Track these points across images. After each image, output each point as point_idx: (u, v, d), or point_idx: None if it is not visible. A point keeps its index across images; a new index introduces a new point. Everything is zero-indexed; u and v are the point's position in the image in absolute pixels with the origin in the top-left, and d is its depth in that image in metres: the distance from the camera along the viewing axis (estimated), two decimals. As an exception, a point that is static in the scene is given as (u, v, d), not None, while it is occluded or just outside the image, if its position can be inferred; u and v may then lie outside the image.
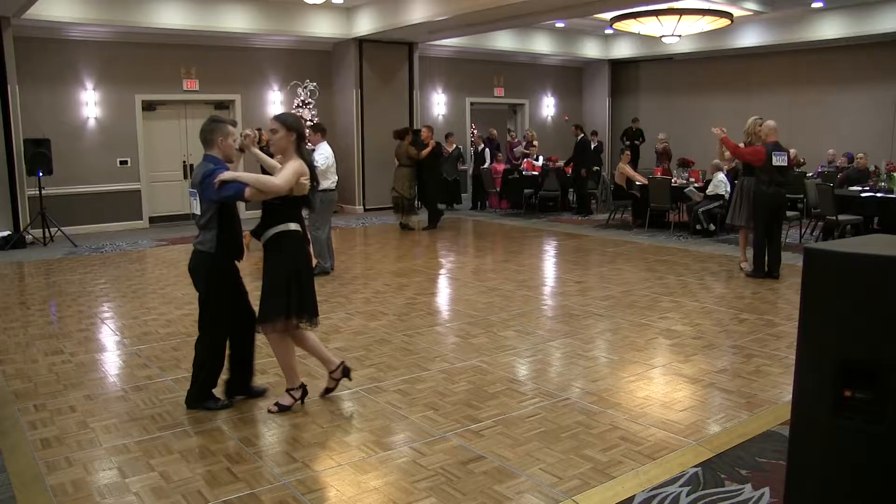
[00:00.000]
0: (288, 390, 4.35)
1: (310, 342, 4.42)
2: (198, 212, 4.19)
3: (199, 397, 4.35)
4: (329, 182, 8.15)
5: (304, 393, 4.40)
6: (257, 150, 4.67)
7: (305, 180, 4.11)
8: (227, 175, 4.02)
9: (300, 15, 13.08)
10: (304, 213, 4.57)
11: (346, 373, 4.54)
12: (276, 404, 4.33)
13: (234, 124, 4.29)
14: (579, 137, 13.83)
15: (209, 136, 4.19)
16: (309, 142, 8.28)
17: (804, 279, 2.52)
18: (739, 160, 8.23)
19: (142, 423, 4.16)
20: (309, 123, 11.24)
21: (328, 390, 4.56)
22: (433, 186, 12.24)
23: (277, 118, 4.22)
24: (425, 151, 11.73)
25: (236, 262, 4.35)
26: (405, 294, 7.45)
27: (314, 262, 8.40)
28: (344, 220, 13.20)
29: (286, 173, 4.04)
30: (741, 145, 8.04)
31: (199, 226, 4.22)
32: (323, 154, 8.06)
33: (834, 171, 12.66)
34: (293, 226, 4.19)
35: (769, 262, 8.00)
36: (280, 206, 4.13)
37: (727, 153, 8.45)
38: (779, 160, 7.78)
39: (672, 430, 3.98)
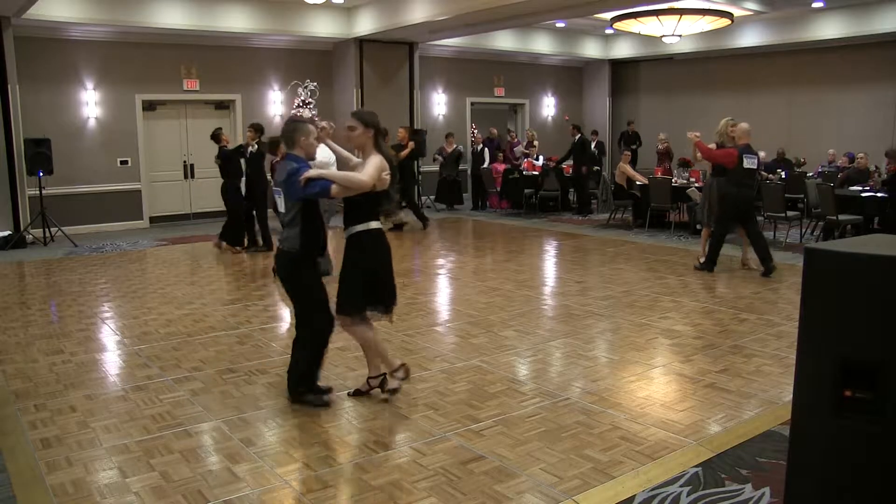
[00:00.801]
0: (384, 375, 4.45)
1: (368, 338, 4.42)
2: (283, 209, 4.24)
3: (303, 390, 4.37)
4: None
5: (384, 381, 4.46)
6: (332, 143, 4.71)
7: (387, 175, 4.18)
8: (312, 173, 4.07)
9: (300, 15, 13.08)
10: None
11: (384, 385, 4.51)
12: (388, 392, 4.43)
13: (313, 123, 4.36)
14: (577, 138, 13.82)
15: (292, 136, 4.22)
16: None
17: (804, 279, 2.52)
18: (712, 162, 8.35)
19: (142, 422, 4.16)
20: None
21: (358, 392, 4.56)
22: (411, 186, 12.06)
23: (355, 115, 4.28)
24: (404, 153, 11.56)
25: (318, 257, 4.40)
26: (405, 294, 7.45)
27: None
28: (344, 220, 13.19)
29: (369, 169, 4.10)
30: (712, 146, 8.19)
31: (284, 223, 4.28)
32: (324, 154, 8.08)
33: (834, 171, 12.65)
34: (374, 224, 4.25)
35: (761, 260, 8.07)
36: (363, 202, 4.19)
37: (699, 155, 8.60)
38: (749, 163, 7.94)
39: (672, 430, 3.98)
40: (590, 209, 13.78)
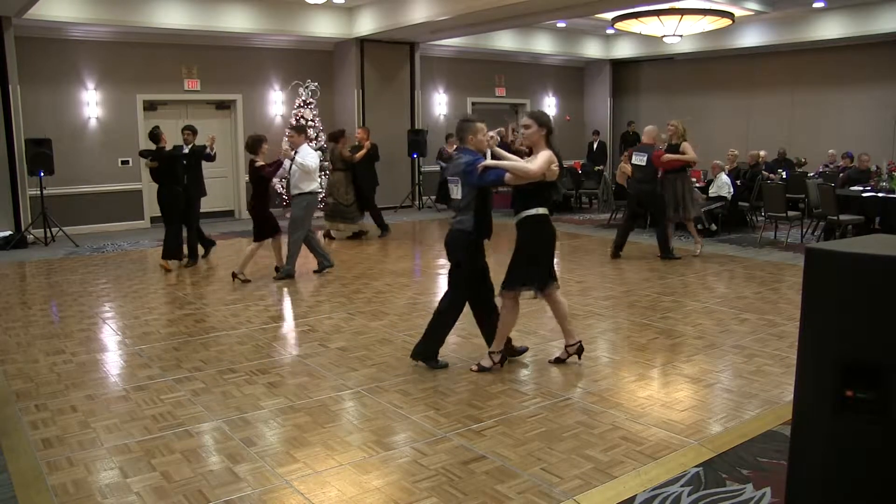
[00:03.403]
0: (490, 353, 4.97)
1: (560, 311, 5.01)
2: (457, 196, 4.88)
3: (427, 351, 5.00)
4: (315, 185, 8.16)
5: (504, 359, 5.00)
6: (498, 149, 5.11)
7: (555, 167, 4.68)
8: (489, 163, 4.70)
9: (301, 15, 13.08)
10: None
11: (580, 352, 5.10)
12: (478, 365, 4.96)
13: (482, 122, 4.94)
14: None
15: (462, 134, 4.90)
16: (291, 142, 8.24)
17: (805, 279, 2.52)
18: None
19: (143, 422, 4.16)
20: (291, 123, 10.92)
21: (559, 360, 5.12)
22: (368, 190, 11.10)
23: (531, 115, 4.84)
24: (359, 154, 10.73)
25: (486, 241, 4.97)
26: (406, 294, 7.45)
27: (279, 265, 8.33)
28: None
29: (540, 160, 4.63)
30: (685, 145, 8.97)
31: (458, 208, 4.90)
32: (310, 155, 8.08)
33: (835, 171, 12.64)
34: (542, 210, 4.79)
35: (660, 246, 9.06)
36: (533, 190, 4.72)
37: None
38: (636, 160, 8.93)
39: (673, 430, 3.98)
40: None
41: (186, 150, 8.97)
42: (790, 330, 5.83)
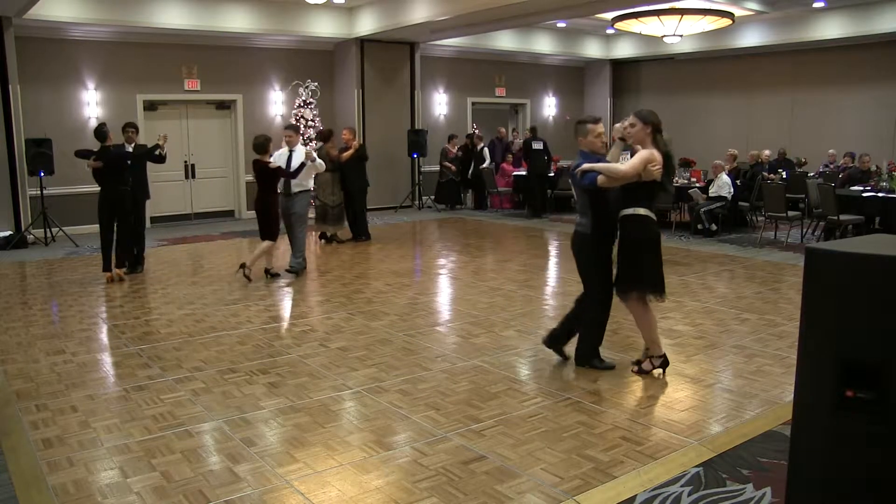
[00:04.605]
0: (650, 357, 4.88)
1: (646, 318, 4.84)
2: (576, 198, 5.01)
3: (589, 354, 5.00)
4: (312, 181, 8.24)
5: (665, 363, 4.87)
6: (620, 142, 5.04)
7: (654, 167, 4.60)
8: (585, 166, 4.69)
9: (301, 15, 13.09)
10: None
11: (664, 365, 4.90)
12: (639, 368, 4.90)
13: (594, 121, 4.91)
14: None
15: (576, 135, 4.95)
16: (289, 141, 8.26)
17: (805, 279, 2.52)
18: None
19: (143, 422, 4.16)
20: (288, 124, 10.84)
21: (640, 368, 4.92)
22: (359, 192, 10.78)
23: (636, 114, 4.81)
24: (346, 154, 10.43)
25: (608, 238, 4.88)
26: (407, 294, 7.45)
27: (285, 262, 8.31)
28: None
29: (634, 161, 4.61)
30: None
31: (578, 211, 4.98)
32: (296, 154, 8.15)
33: (835, 171, 12.63)
34: (642, 210, 4.72)
35: None
36: (635, 189, 4.67)
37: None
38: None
39: (674, 430, 3.98)
40: (538, 212, 13.60)
41: (129, 149, 8.52)
42: (790, 330, 5.83)
